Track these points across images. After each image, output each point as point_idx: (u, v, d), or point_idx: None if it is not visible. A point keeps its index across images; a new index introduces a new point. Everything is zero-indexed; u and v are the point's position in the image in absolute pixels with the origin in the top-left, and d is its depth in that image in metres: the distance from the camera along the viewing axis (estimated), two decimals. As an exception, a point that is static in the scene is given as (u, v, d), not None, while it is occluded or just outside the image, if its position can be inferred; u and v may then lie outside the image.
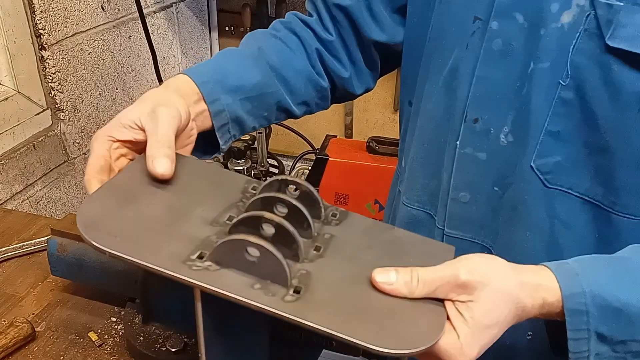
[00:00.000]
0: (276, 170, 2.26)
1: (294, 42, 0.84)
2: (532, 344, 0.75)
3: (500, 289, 0.54)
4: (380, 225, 0.63)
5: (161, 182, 0.61)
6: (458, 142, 0.72)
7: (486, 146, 0.71)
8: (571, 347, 0.56)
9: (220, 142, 0.77)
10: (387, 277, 0.54)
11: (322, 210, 0.62)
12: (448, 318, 0.54)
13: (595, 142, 0.65)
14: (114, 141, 0.64)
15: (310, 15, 0.88)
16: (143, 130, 0.63)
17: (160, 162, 0.60)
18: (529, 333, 0.75)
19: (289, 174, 2.22)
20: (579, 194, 0.68)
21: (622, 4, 0.59)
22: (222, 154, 0.80)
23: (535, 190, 0.68)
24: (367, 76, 0.91)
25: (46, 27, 1.46)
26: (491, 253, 0.74)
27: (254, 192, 0.63)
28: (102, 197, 0.58)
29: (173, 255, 0.53)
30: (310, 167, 2.04)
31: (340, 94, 0.90)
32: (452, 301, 0.54)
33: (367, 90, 0.93)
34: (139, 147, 0.65)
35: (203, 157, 0.77)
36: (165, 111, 0.63)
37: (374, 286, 0.54)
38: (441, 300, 0.54)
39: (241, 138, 1.99)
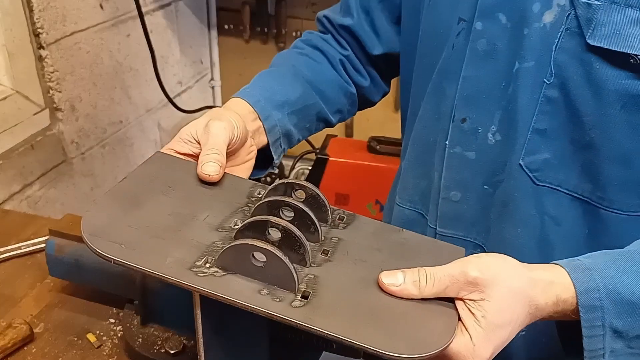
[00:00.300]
0: (276, 170, 2.25)
1: (319, 56, 0.91)
2: (526, 341, 0.75)
3: (512, 286, 0.53)
4: (389, 228, 0.63)
5: (166, 188, 0.61)
6: (447, 142, 0.73)
7: (475, 145, 0.72)
8: (586, 345, 0.55)
9: (275, 157, 0.82)
10: (395, 279, 0.53)
11: (329, 213, 0.62)
12: (460, 319, 0.53)
13: (581, 139, 0.66)
14: (177, 153, 0.69)
15: (324, 33, 0.94)
16: (199, 143, 0.68)
17: (208, 165, 0.64)
18: (523, 330, 0.75)
19: (289, 174, 2.21)
20: (567, 191, 0.69)
21: (600, 3, 0.60)
22: (274, 168, 0.87)
23: (524, 188, 0.69)
24: (382, 84, 0.96)
25: (44, 26, 1.45)
26: (483, 251, 0.75)
27: (260, 196, 0.63)
28: (107, 205, 0.58)
29: (178, 261, 0.53)
30: (310, 167, 2.03)
31: (361, 101, 0.96)
32: (464, 301, 0.53)
33: (384, 95, 0.99)
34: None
35: (258, 174, 0.83)
36: (217, 124, 0.68)
37: (382, 289, 0.53)
38: (452, 302, 0.53)
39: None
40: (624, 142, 0.64)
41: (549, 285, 0.55)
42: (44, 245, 0.89)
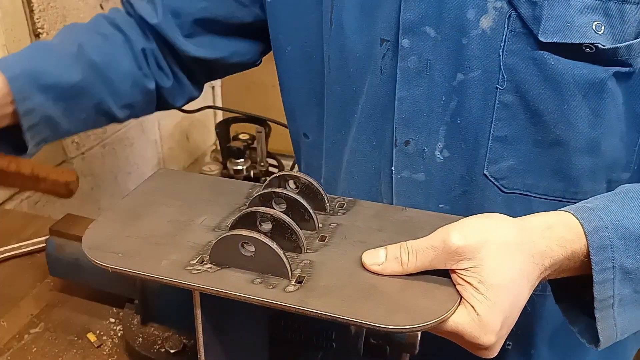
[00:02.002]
0: (276, 170, 2.26)
1: (118, 40, 0.79)
2: (512, 354, 0.74)
3: (502, 241, 0.50)
4: (391, 208, 0.62)
5: (167, 199, 0.63)
6: (393, 168, 0.70)
7: (422, 166, 0.69)
8: (597, 293, 0.52)
9: (29, 145, 0.73)
10: (377, 258, 0.51)
11: (326, 201, 0.61)
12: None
13: (545, 138, 0.64)
14: None
15: (130, 16, 0.82)
16: None
17: None
18: (508, 343, 0.74)
19: (289, 173, 2.21)
20: (537, 195, 0.67)
21: None
22: (30, 156, 0.77)
23: (493, 197, 0.67)
24: (190, 87, 0.87)
25: (45, 26, 1.45)
26: None
27: None
28: (107, 220, 0.60)
29: (174, 263, 0.53)
30: (310, 167, 2.03)
31: (160, 102, 0.86)
32: (456, 273, 0.50)
33: (190, 100, 0.89)
34: None
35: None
36: None
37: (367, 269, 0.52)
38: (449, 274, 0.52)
39: (240, 138, 1.97)
40: (588, 131, 0.62)
41: (547, 229, 0.52)
42: (44, 244, 0.89)
